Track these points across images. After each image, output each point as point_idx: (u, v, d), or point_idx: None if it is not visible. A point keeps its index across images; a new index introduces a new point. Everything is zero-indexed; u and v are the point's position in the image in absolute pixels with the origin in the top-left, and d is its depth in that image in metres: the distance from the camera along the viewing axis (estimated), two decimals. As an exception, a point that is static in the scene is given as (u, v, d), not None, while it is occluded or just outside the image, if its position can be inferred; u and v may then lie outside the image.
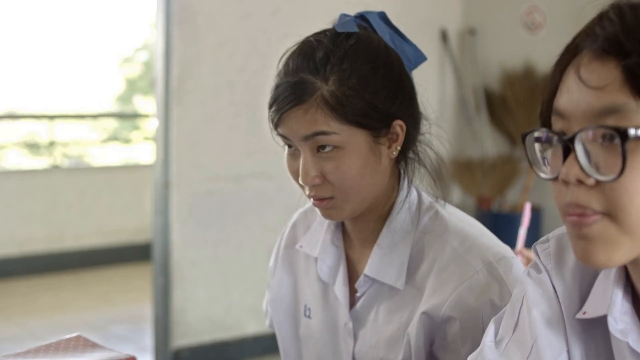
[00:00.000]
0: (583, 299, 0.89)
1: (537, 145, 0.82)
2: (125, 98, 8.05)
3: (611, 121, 0.74)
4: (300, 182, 1.19)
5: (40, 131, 6.40)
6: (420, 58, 1.24)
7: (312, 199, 1.21)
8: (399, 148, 1.21)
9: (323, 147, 1.16)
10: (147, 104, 7.48)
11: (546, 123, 0.83)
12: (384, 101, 1.17)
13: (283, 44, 1.22)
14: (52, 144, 6.22)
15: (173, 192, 3.77)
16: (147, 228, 5.04)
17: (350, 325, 1.27)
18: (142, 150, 6.88)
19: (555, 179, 0.79)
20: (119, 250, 5.99)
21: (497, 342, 0.95)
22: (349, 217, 1.23)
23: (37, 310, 4.90)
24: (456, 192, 4.66)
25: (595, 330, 0.88)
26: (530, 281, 0.94)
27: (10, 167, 6.18)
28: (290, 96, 1.16)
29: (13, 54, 6.75)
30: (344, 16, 1.21)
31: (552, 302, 0.91)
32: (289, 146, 1.21)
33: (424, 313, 1.17)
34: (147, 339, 4.15)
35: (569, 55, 0.80)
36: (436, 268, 1.19)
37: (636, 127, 0.72)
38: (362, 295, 1.26)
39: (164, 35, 3.71)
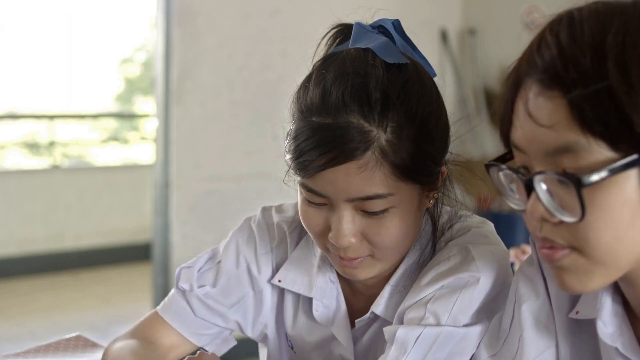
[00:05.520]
0: (574, 297, 0.89)
1: (502, 175, 0.80)
2: (124, 98, 8.03)
3: (567, 160, 0.71)
4: (331, 241, 0.97)
5: (40, 131, 6.39)
6: (430, 73, 1.07)
7: (336, 257, 0.99)
8: (436, 196, 1.05)
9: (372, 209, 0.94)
10: (147, 104, 7.47)
11: (508, 143, 0.80)
12: (442, 152, 1.00)
13: (283, 44, 1.20)
14: (52, 144, 6.21)
15: (173, 192, 3.77)
16: (147, 228, 5.04)
17: None
18: (142, 150, 6.87)
19: (524, 211, 0.77)
20: (119, 250, 5.98)
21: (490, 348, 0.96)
22: (375, 276, 1.03)
23: (37, 310, 4.89)
24: (456, 192, 4.65)
25: (585, 330, 0.88)
26: (522, 276, 0.94)
27: (10, 167, 6.17)
28: (338, 148, 0.89)
29: (13, 54, 6.74)
30: (359, 26, 1.03)
31: (542, 297, 0.91)
32: (315, 196, 0.97)
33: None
34: (147, 339, 4.15)
35: (516, 80, 0.77)
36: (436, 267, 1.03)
37: (590, 171, 0.70)
38: (363, 333, 1.11)
39: (164, 36, 3.71)
